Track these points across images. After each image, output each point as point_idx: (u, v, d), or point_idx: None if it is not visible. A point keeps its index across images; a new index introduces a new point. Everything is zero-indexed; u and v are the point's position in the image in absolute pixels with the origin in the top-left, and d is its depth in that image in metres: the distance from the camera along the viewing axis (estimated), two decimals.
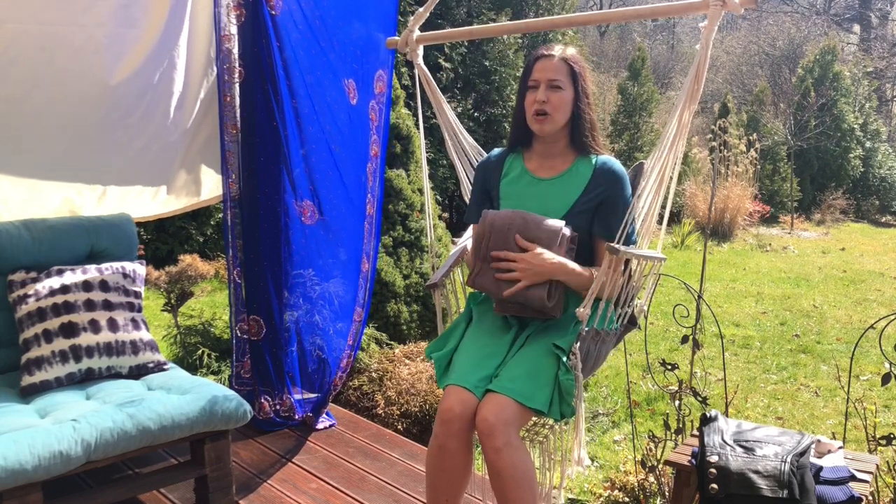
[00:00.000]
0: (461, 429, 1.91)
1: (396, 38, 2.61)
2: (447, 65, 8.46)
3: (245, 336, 3.06)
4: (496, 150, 2.30)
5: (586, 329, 1.96)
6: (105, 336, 2.47)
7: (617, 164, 2.13)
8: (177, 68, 3.05)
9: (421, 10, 2.49)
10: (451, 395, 1.93)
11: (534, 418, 2.08)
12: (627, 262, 1.99)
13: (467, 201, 2.47)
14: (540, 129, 2.11)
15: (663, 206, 2.06)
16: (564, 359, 1.93)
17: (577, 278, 2.02)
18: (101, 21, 2.77)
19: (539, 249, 1.99)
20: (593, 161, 2.14)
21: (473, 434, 1.96)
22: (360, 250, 3.23)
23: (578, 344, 1.94)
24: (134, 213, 2.98)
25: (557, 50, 2.11)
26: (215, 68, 2.98)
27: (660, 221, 2.14)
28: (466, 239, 2.39)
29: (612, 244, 1.89)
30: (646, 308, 2.20)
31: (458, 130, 2.47)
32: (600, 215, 2.08)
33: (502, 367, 1.99)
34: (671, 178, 2.01)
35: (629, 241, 2.02)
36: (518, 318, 2.13)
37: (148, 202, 3.17)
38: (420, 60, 2.51)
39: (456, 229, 7.18)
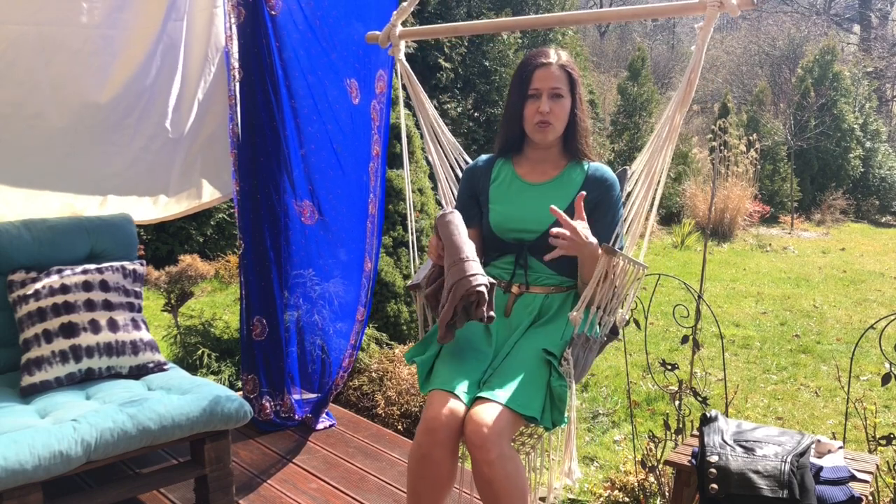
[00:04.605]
0: (448, 438, 1.80)
1: (377, 33, 2.56)
2: (447, 65, 8.46)
3: (250, 336, 3.05)
4: (483, 156, 2.28)
5: (577, 333, 1.92)
6: (105, 336, 2.47)
7: (608, 171, 2.13)
8: (174, 69, 3.05)
9: (405, 4, 2.45)
10: (437, 401, 1.82)
11: (521, 427, 1.95)
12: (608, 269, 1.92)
13: (443, 201, 2.43)
14: (543, 139, 2.11)
15: (649, 212, 2.03)
16: (556, 364, 1.88)
17: (593, 262, 1.94)
18: (99, 22, 2.77)
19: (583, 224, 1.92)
20: (585, 167, 2.15)
21: (460, 441, 1.85)
22: (363, 250, 3.23)
23: (570, 349, 1.91)
24: (135, 217, 2.97)
25: (553, 56, 2.09)
26: (213, 68, 2.98)
27: (642, 235, 2.08)
28: None
29: (608, 245, 1.87)
30: (627, 317, 2.12)
31: (438, 129, 2.43)
32: (591, 222, 2.03)
33: (491, 372, 1.93)
34: (660, 182, 1.97)
35: (620, 246, 2.01)
36: (500, 321, 2.05)
37: (149, 206, 3.16)
38: (402, 55, 2.47)
39: None
